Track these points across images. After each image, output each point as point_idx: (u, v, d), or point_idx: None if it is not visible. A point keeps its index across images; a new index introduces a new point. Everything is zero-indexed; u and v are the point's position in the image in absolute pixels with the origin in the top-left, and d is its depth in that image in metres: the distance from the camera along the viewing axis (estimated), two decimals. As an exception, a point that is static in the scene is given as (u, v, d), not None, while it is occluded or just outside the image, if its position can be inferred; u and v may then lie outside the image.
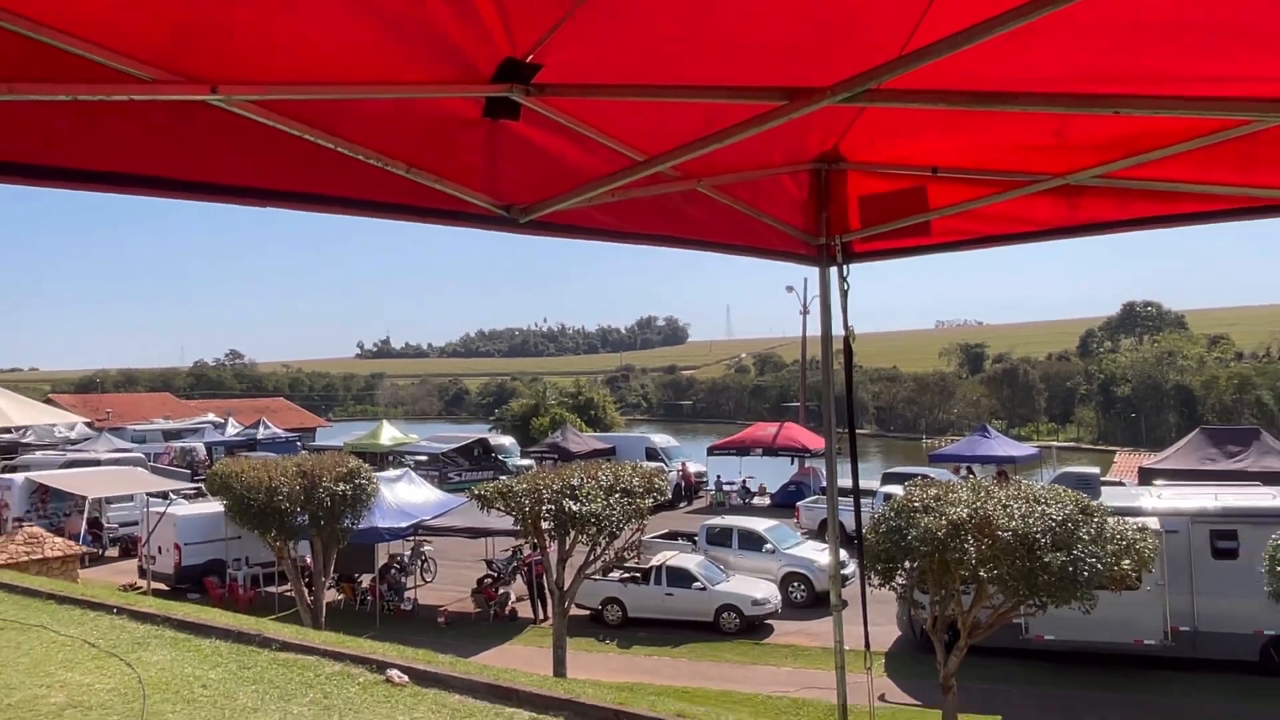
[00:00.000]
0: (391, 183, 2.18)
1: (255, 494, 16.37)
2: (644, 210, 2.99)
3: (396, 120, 2.10)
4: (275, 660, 6.89)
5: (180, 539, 20.50)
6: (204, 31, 1.49)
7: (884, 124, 2.95)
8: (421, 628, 17.39)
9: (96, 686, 6.22)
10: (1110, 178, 2.90)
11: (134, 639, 7.54)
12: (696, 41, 2.09)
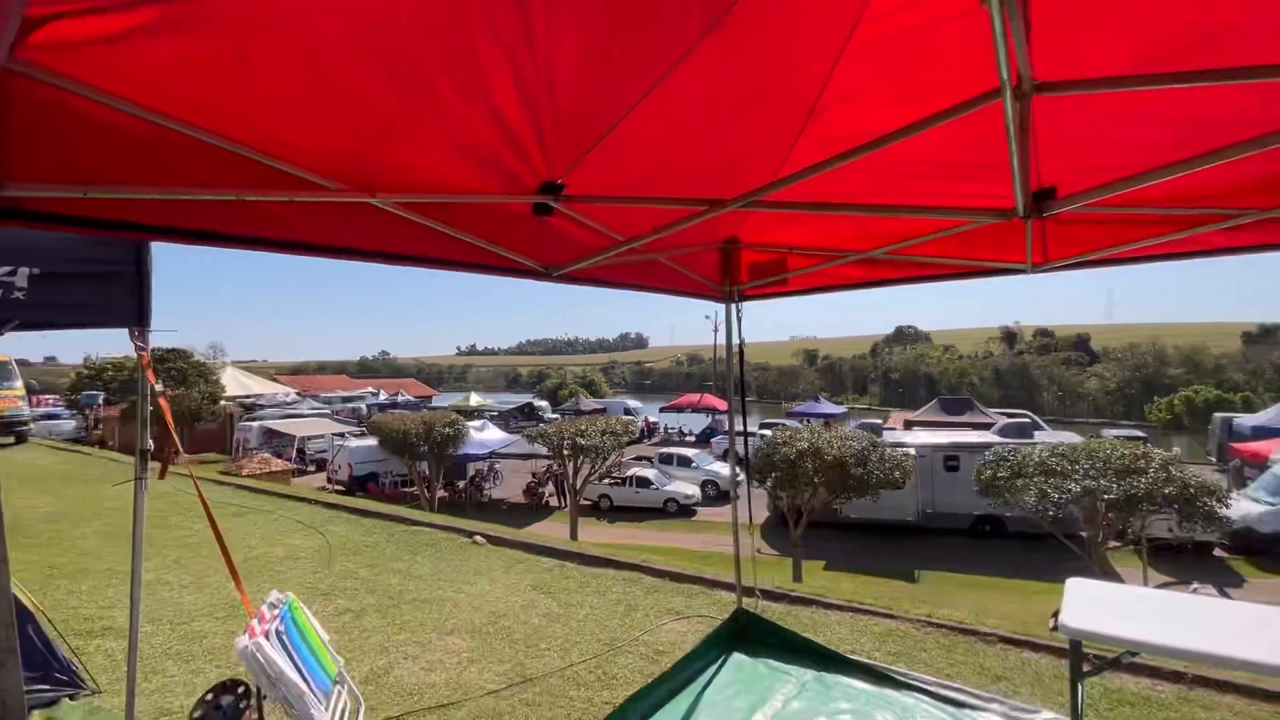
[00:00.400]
0: (477, 250, 2.65)
1: (395, 433, 19.20)
2: (627, 269, 3.48)
3: (482, 214, 2.56)
4: (407, 530, 7.63)
5: (351, 460, 23.25)
6: (368, 160, 1.86)
7: (763, 221, 3.63)
8: (494, 512, 19.66)
9: (303, 546, 6.88)
10: (892, 253, 3.53)
11: (325, 518, 8.39)
12: (656, 174, 2.68)
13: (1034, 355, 65.80)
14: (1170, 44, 1.69)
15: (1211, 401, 37.29)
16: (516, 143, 2.31)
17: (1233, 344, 59.71)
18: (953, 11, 1.90)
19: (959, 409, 29.16)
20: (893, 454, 14.50)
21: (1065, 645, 4.12)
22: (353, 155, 1.85)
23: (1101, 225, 3.07)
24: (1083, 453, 12.15)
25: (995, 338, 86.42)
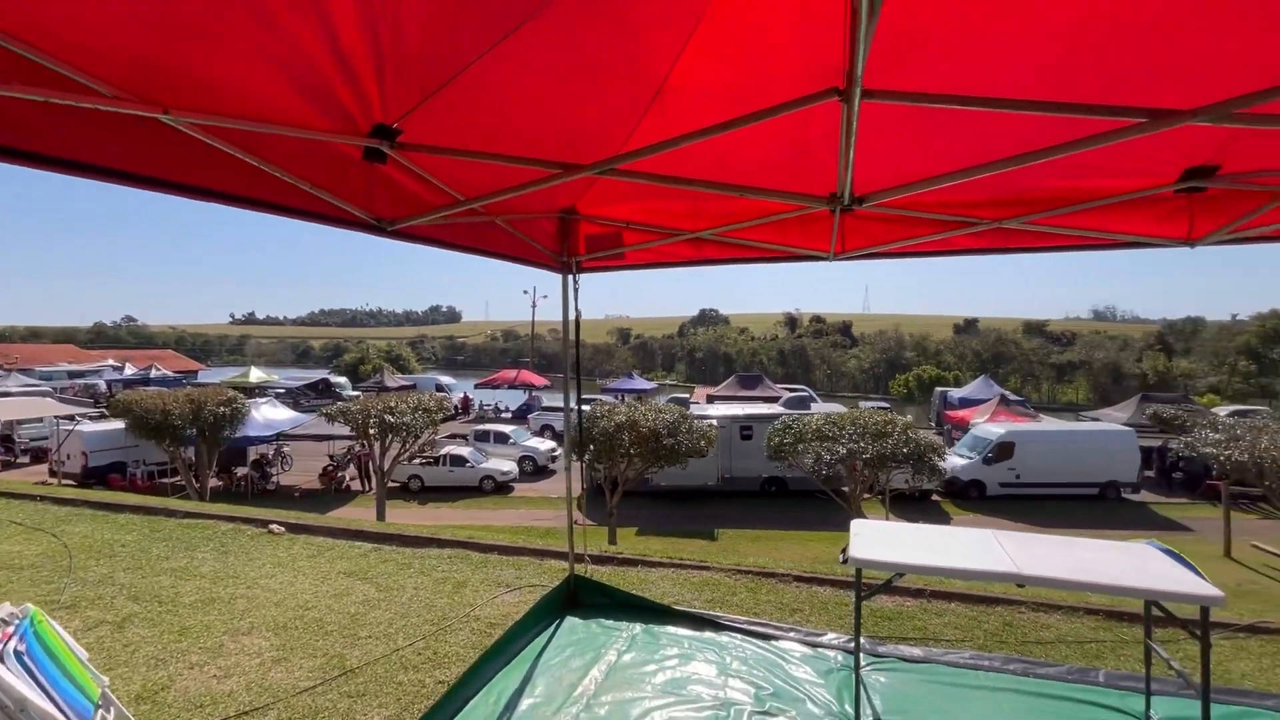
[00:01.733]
0: (298, 193, 2.34)
1: (152, 414, 16.19)
2: (466, 230, 3.33)
3: (305, 153, 2.26)
4: (180, 524, 6.45)
5: (86, 448, 19.16)
6: (166, 69, 1.55)
7: (601, 194, 3.66)
8: (281, 501, 17.47)
9: (26, 553, 5.49)
10: (719, 235, 3.72)
11: (57, 517, 6.73)
12: (503, 131, 2.55)
13: (810, 339, 75.77)
14: (969, 73, 2.04)
15: (933, 378, 46.36)
16: (351, 75, 2.07)
17: (948, 332, 74.72)
18: (792, 15, 2.09)
19: (753, 384, 32.55)
20: (699, 425, 15.63)
21: (842, 578, 4.89)
22: (143, 59, 1.54)
23: (885, 223, 3.63)
24: (847, 420, 14.29)
25: (780, 322, 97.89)
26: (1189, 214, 3.24)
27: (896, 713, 3.22)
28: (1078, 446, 19.43)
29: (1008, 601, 4.57)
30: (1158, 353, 53.74)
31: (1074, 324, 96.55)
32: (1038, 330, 69.43)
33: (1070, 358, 55.07)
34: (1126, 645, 3.85)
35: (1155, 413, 20.83)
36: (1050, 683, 3.51)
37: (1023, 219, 3.29)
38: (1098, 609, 4.45)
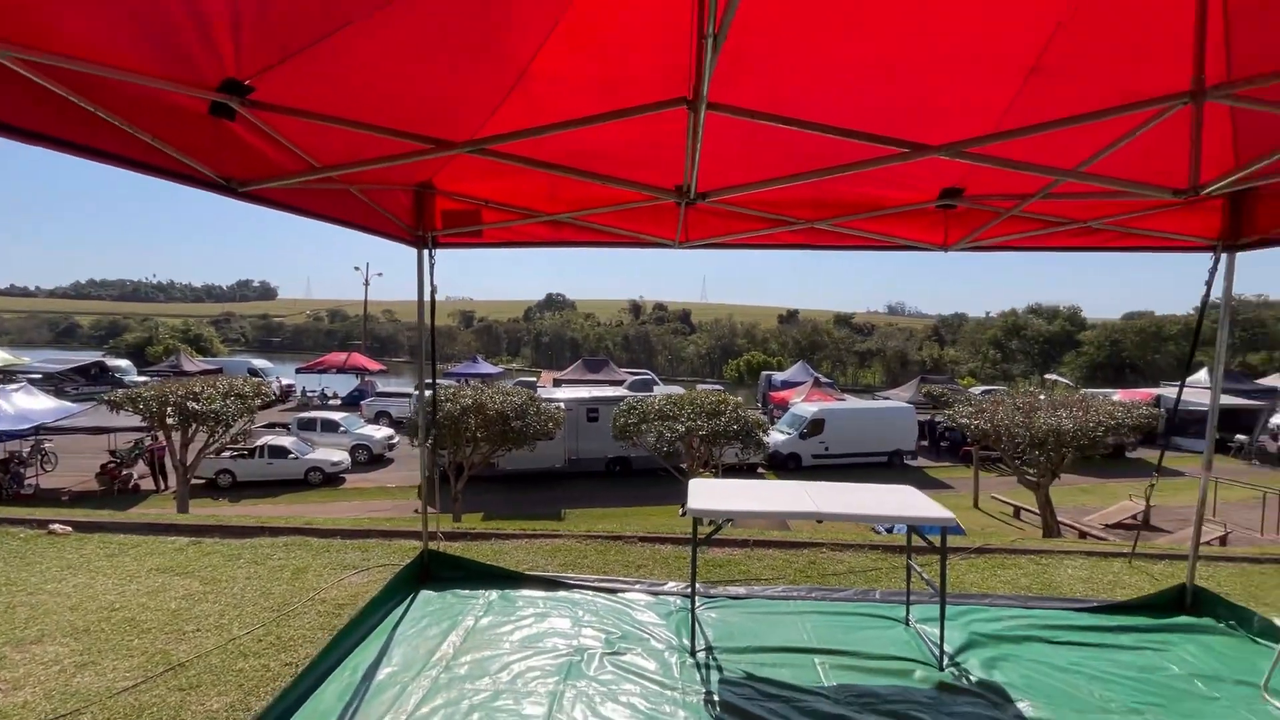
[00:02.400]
0: (137, 143, 2.19)
1: None
2: (320, 197, 3.23)
3: (148, 103, 2.12)
4: None
5: None
6: None
7: (460, 170, 3.65)
8: (44, 506, 13.59)
9: None
10: (576, 219, 3.93)
11: None
12: (364, 100, 2.50)
13: (653, 325, 78.97)
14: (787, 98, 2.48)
15: (760, 363, 50.91)
16: (203, 21, 2.03)
17: (773, 322, 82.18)
18: (648, 20, 2.39)
19: (598, 368, 33.33)
20: (547, 407, 15.79)
21: (681, 536, 5.44)
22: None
23: (722, 217, 4.12)
24: (686, 401, 15.32)
25: (625, 309, 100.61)
26: (944, 225, 4.09)
27: (723, 639, 3.75)
28: (873, 421, 22.63)
29: (812, 545, 5.42)
30: (933, 343, 63.95)
31: (873, 317, 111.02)
32: (845, 322, 78.90)
33: (869, 346, 63.41)
34: (896, 570, 4.80)
35: (929, 391, 24.92)
36: (842, 603, 4.29)
37: (829, 221, 3.93)
38: (878, 545, 5.46)
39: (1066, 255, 3.85)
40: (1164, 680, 3.35)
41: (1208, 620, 4.03)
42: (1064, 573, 4.88)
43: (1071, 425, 12.68)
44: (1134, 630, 3.90)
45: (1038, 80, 2.57)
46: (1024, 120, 2.63)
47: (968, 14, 2.25)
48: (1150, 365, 47.32)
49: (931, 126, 2.81)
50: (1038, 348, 54.96)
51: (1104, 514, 14.95)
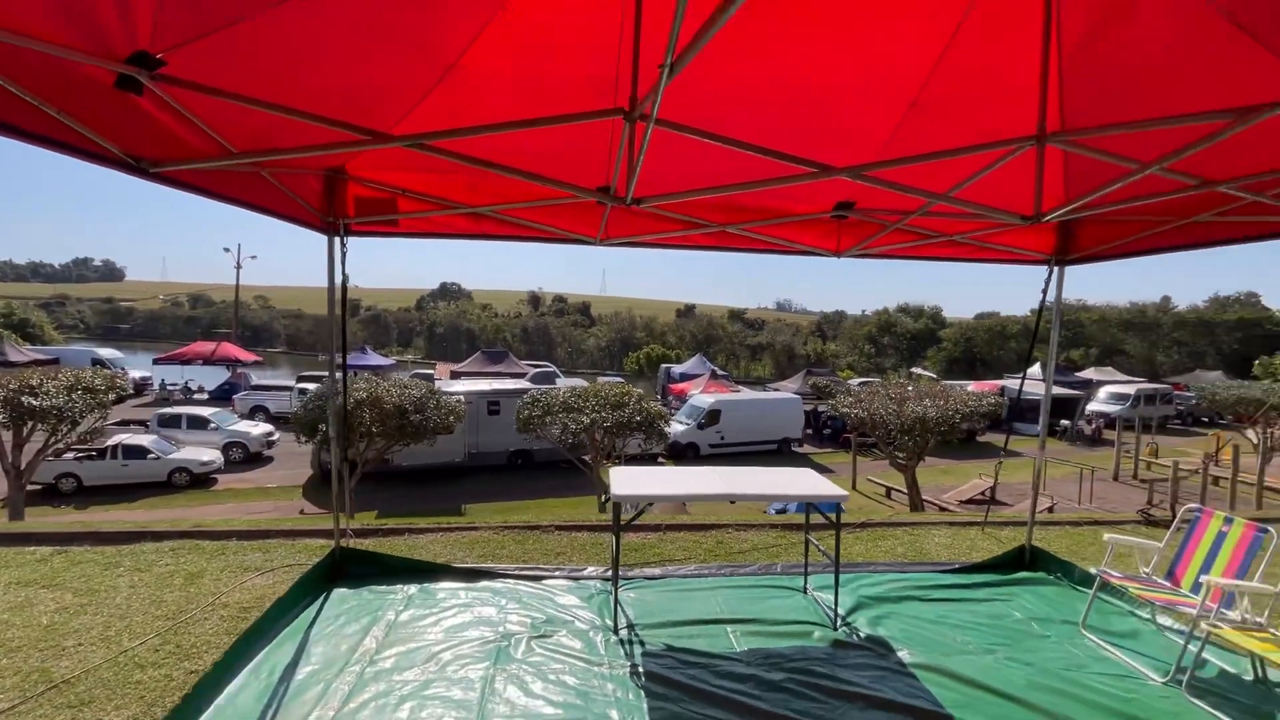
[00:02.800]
0: (41, 116, 2.06)
1: None
2: (232, 180, 3.12)
3: (47, 68, 1.97)
4: None
5: None
6: None
7: (376, 159, 3.62)
8: None
9: None
10: (498, 212, 4.00)
11: None
12: (285, 82, 2.43)
13: (552, 317, 78.21)
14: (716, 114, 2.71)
15: (660, 356, 52.05)
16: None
17: (671, 316, 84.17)
18: (580, 27, 2.53)
19: (498, 360, 32.59)
20: (448, 400, 15.39)
21: (596, 523, 5.62)
22: None
23: (644, 218, 4.32)
24: (590, 393, 15.48)
25: (524, 300, 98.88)
26: (838, 233, 4.55)
27: (643, 616, 3.99)
28: (764, 412, 23.98)
29: (718, 526, 5.81)
30: (816, 338, 68.43)
31: (764, 313, 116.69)
32: (738, 317, 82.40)
33: (760, 340, 66.73)
34: (794, 545, 5.27)
35: (815, 383, 26.76)
36: (747, 577, 4.67)
37: (739, 225, 4.25)
38: (776, 525, 5.94)
39: (934, 262, 4.50)
40: (1010, 625, 4.00)
41: (1041, 574, 4.81)
42: (932, 541, 5.59)
43: (935, 413, 14.21)
44: (986, 585, 4.58)
45: (916, 113, 2.98)
46: (906, 145, 3.05)
47: (860, 50, 2.59)
48: (996, 360, 53.55)
49: (831, 148, 3.17)
50: (906, 343, 60.44)
51: (959, 491, 16.87)
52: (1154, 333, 54.72)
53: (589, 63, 2.78)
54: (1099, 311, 59.59)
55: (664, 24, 1.90)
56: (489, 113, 3.00)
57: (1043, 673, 3.39)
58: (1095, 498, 16.03)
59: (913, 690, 3.21)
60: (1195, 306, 59.57)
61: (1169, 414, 30.34)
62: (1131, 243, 3.96)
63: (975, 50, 2.58)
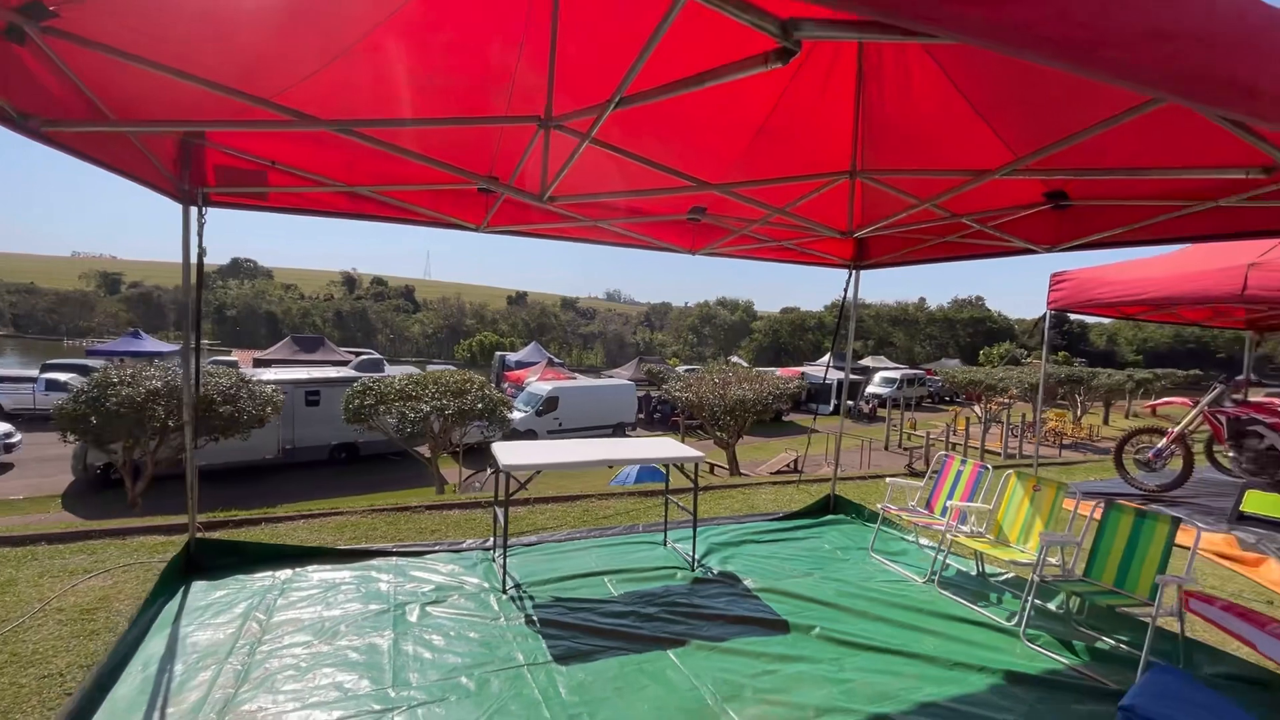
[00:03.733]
0: None
1: None
2: (97, 139, 2.97)
3: None
4: None
5: None
6: None
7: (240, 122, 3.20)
8: None
9: None
10: (379, 193, 3.95)
11: None
12: (178, 38, 2.36)
13: (371, 301, 72.30)
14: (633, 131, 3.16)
15: (494, 343, 50.98)
16: None
17: (503, 304, 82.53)
18: (490, 31, 2.83)
19: (313, 347, 29.75)
20: (262, 389, 14.01)
21: (468, 501, 5.81)
22: None
23: (523, 209, 4.62)
24: (430, 380, 15.05)
25: (337, 282, 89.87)
26: (692, 233, 5.25)
27: (528, 577, 4.36)
28: (601, 398, 24.94)
29: (583, 497, 6.32)
30: (645, 328, 71.82)
31: (595, 302, 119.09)
32: (571, 306, 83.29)
33: (592, 329, 68.27)
34: (652, 508, 5.96)
35: (650, 370, 28.37)
36: (615, 537, 5.24)
37: (610, 222, 4.75)
38: (634, 492, 6.61)
39: (750, 261, 5.33)
40: (821, 554, 5.05)
41: (842, 516, 6.05)
42: (761, 498, 6.66)
43: (752, 396, 16.10)
44: (803, 527, 5.66)
45: (763, 138, 3.71)
46: (754, 164, 3.78)
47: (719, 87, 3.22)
48: (797, 349, 60.75)
49: (696, 163, 3.80)
50: (723, 334, 65.98)
51: (770, 464, 19.24)
52: (913, 327, 66.01)
53: (487, 65, 3.05)
54: (874, 309, 70.26)
55: (572, 49, 2.32)
56: (383, 99, 3.14)
57: (846, 585, 4.41)
58: (872, 464, 19.29)
59: (757, 607, 4.01)
60: (942, 306, 72.93)
61: (923, 394, 37.01)
62: (907, 254, 5.18)
63: (807, 95, 3.32)
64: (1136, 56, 1.23)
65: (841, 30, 1.53)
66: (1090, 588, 3.68)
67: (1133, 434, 7.48)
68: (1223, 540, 5.44)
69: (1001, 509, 4.50)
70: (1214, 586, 4.57)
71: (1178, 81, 1.30)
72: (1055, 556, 4.02)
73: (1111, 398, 28.88)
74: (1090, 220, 3.86)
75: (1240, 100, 1.43)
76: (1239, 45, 1.40)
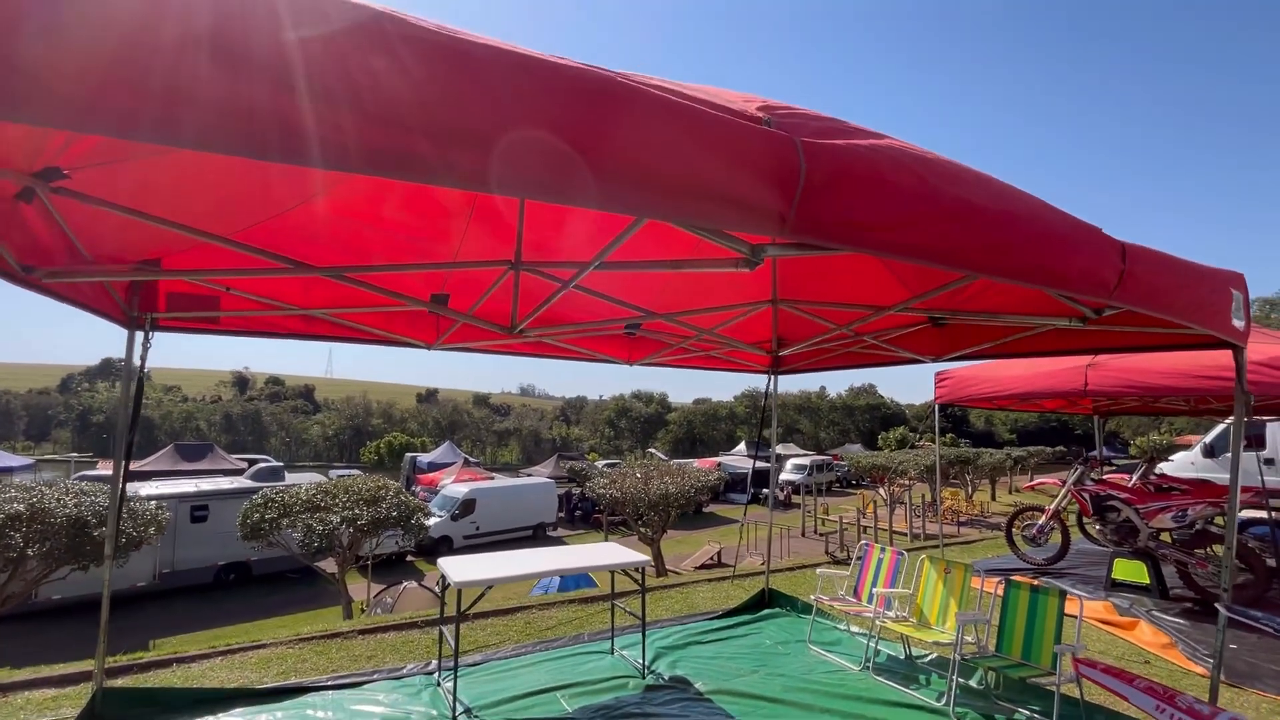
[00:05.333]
0: None
1: None
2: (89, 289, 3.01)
3: None
4: None
5: None
6: None
7: (203, 253, 3.36)
8: None
9: None
10: (333, 315, 4.14)
11: None
12: (157, 192, 2.57)
13: (266, 403, 67.41)
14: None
15: (403, 444, 48.50)
16: None
17: (412, 401, 79.37)
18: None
19: (199, 455, 27.22)
20: (143, 507, 12.65)
21: (403, 622, 5.57)
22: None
23: (469, 327, 4.87)
24: (341, 489, 14.22)
25: (227, 382, 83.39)
26: (629, 346, 5.67)
27: (478, 700, 4.23)
28: (519, 498, 24.23)
29: (524, 608, 6.19)
30: (561, 422, 71.20)
31: (508, 397, 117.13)
32: (484, 402, 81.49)
33: (507, 426, 66.82)
34: (594, 615, 5.95)
35: (571, 467, 27.99)
36: (562, 649, 5.19)
37: (554, 336, 5.08)
38: (575, 600, 6.55)
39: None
40: (763, 649, 5.23)
41: (778, 609, 6.29)
42: (699, 596, 6.79)
43: (675, 489, 16.35)
44: (743, 624, 5.84)
45: (700, 275, 4.25)
46: (689, 293, 4.30)
47: (662, 239, 3.76)
48: (711, 439, 62.10)
49: (639, 294, 4.27)
50: (640, 426, 66.55)
51: (694, 558, 19.24)
52: (817, 414, 69.68)
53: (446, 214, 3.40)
54: (781, 398, 73.76)
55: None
56: (351, 237, 3.41)
57: (790, 679, 4.61)
58: (793, 550, 19.74)
59: (711, 710, 4.11)
60: (840, 394, 77.90)
61: (832, 479, 38.70)
62: (817, 362, 5.85)
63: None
64: (985, 263, 1.76)
65: (793, 251, 2.01)
66: (1003, 662, 4.10)
67: (1018, 513, 8.38)
68: (1102, 607, 6.16)
69: (920, 592, 4.94)
70: (1101, 651, 5.16)
71: (1019, 275, 1.85)
72: (971, 634, 4.45)
73: (995, 475, 31.56)
74: (963, 336, 4.65)
75: (1058, 284, 2.02)
76: (1060, 245, 2.01)
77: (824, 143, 1.55)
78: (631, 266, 2.81)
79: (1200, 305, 2.71)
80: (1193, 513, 6.55)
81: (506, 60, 1.15)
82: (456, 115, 1.11)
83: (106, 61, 0.89)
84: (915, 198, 1.63)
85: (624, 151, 1.23)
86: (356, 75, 1.02)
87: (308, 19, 0.98)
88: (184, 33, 0.93)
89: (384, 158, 1.08)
